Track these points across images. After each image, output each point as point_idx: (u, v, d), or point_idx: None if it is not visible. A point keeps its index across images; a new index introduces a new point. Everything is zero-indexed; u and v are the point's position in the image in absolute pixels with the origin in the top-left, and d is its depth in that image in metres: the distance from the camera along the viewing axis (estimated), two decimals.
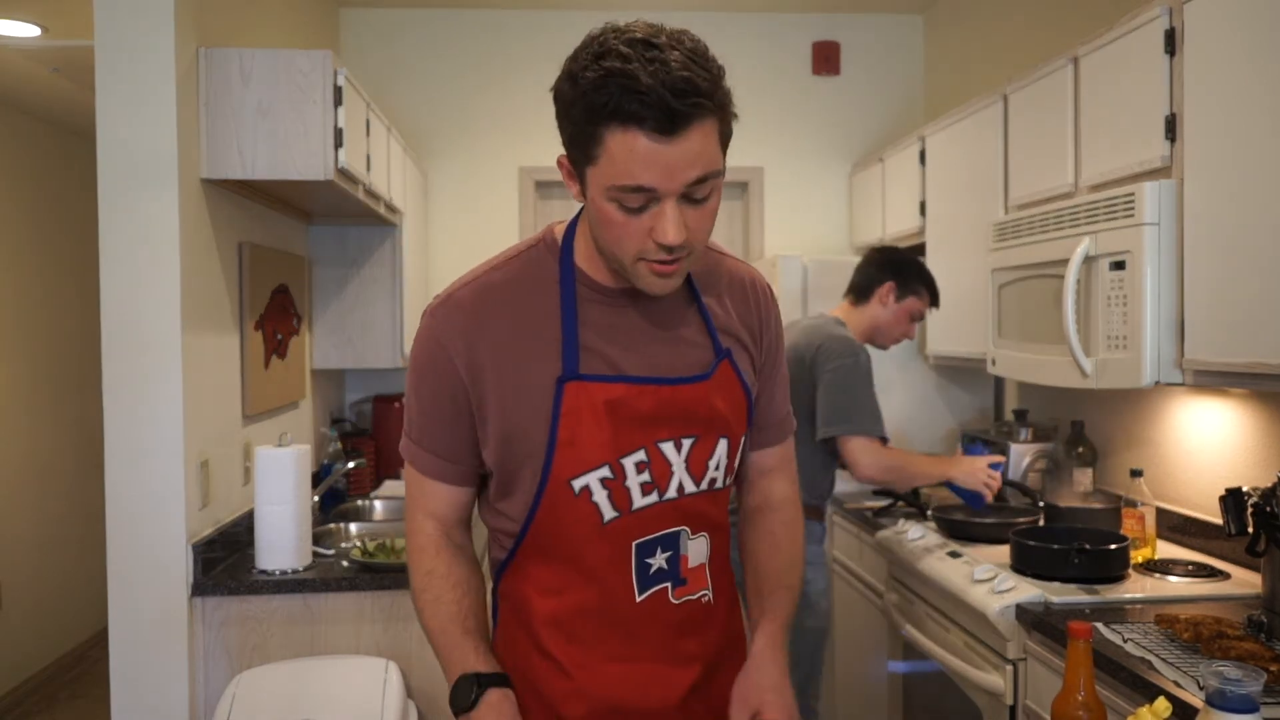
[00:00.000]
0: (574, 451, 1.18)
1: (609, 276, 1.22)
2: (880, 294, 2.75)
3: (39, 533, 4.51)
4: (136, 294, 2.28)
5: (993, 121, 2.88)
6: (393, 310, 3.57)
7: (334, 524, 3.09)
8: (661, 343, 1.24)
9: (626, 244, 1.11)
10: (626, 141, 1.04)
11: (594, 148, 1.06)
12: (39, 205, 4.57)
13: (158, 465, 2.28)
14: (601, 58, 1.05)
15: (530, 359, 1.19)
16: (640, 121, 1.03)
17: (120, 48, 2.26)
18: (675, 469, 1.23)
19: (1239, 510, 1.89)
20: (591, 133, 1.06)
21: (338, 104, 2.44)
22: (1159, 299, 2.03)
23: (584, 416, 1.18)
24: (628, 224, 1.09)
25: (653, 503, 1.22)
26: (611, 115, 1.03)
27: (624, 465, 1.20)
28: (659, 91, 1.01)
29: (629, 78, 1.02)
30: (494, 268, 1.25)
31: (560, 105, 1.10)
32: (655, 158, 1.04)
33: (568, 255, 1.24)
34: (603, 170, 1.07)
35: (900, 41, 4.40)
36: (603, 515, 1.21)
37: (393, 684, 2.23)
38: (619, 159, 1.05)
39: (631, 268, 1.14)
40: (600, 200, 1.09)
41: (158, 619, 2.29)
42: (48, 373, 4.64)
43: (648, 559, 1.24)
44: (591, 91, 1.04)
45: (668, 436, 1.22)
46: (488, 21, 4.23)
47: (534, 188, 4.27)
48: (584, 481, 1.19)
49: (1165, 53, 2.03)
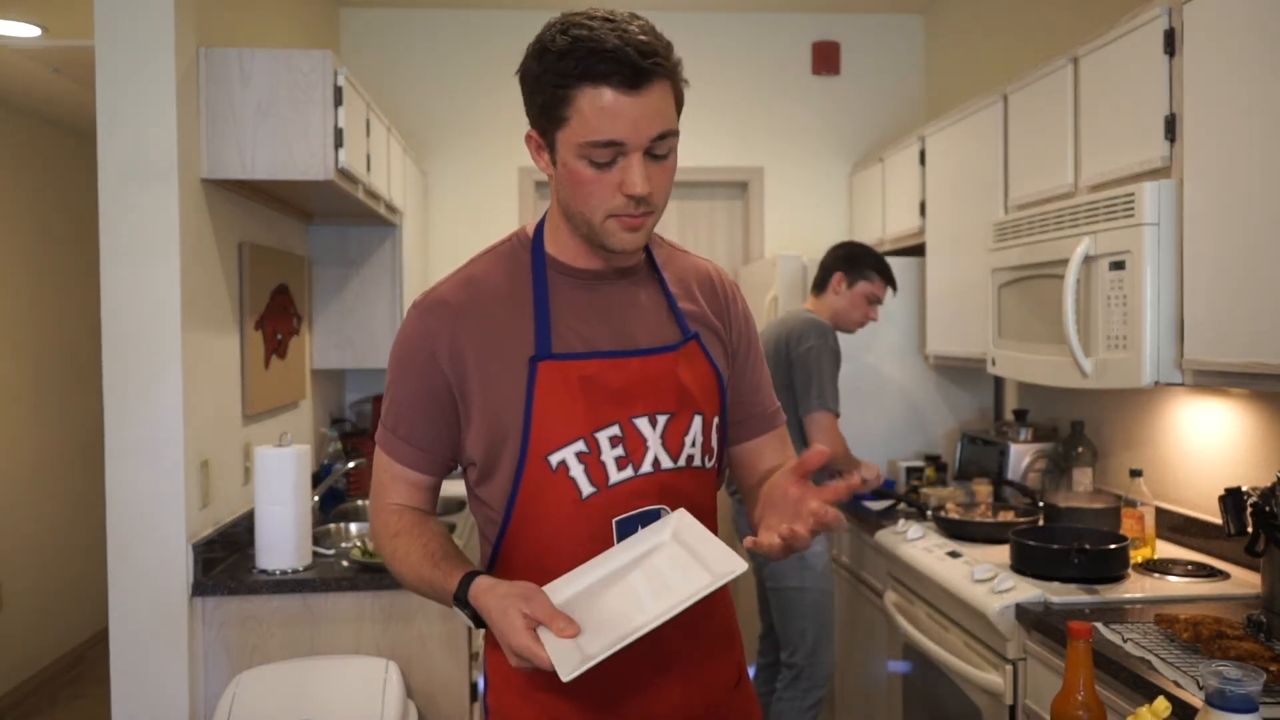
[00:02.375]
0: (549, 427, 1.23)
1: (579, 257, 1.28)
2: (833, 284, 3.08)
3: (39, 533, 4.51)
4: (137, 294, 2.28)
5: (993, 121, 2.88)
6: (393, 310, 3.57)
7: (334, 524, 3.10)
8: (631, 320, 1.30)
9: (596, 201, 1.19)
10: (595, 98, 1.13)
11: (564, 109, 1.15)
12: (39, 205, 4.57)
13: (158, 465, 2.28)
14: (567, 29, 1.15)
15: (507, 343, 1.25)
16: (608, 78, 1.12)
17: (120, 48, 2.26)
18: (650, 443, 1.26)
19: (1238, 510, 1.89)
20: (562, 95, 1.14)
21: (338, 104, 2.44)
22: (1159, 299, 2.03)
23: (558, 393, 1.23)
24: (598, 180, 1.17)
25: (629, 477, 1.25)
26: (581, 75, 1.13)
27: (598, 440, 1.24)
28: (624, 50, 1.11)
29: (596, 40, 1.12)
30: (472, 263, 1.33)
31: (529, 79, 1.19)
32: (622, 112, 1.13)
33: (539, 244, 1.30)
34: (574, 129, 1.15)
35: (900, 41, 4.40)
36: (581, 491, 1.24)
37: (393, 684, 2.24)
38: (589, 115, 1.14)
39: (601, 226, 1.20)
40: (571, 160, 1.17)
41: (158, 619, 2.29)
42: (48, 372, 4.64)
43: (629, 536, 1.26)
44: (562, 57, 1.13)
45: (642, 412, 1.26)
46: (488, 21, 4.23)
47: (534, 188, 4.27)
48: (560, 457, 1.23)
49: (1165, 53, 2.03)
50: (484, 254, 1.34)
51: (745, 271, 4.09)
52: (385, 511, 1.34)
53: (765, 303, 3.65)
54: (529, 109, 1.21)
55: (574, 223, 1.24)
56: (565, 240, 1.28)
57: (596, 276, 1.29)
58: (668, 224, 4.38)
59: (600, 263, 1.29)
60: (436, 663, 2.42)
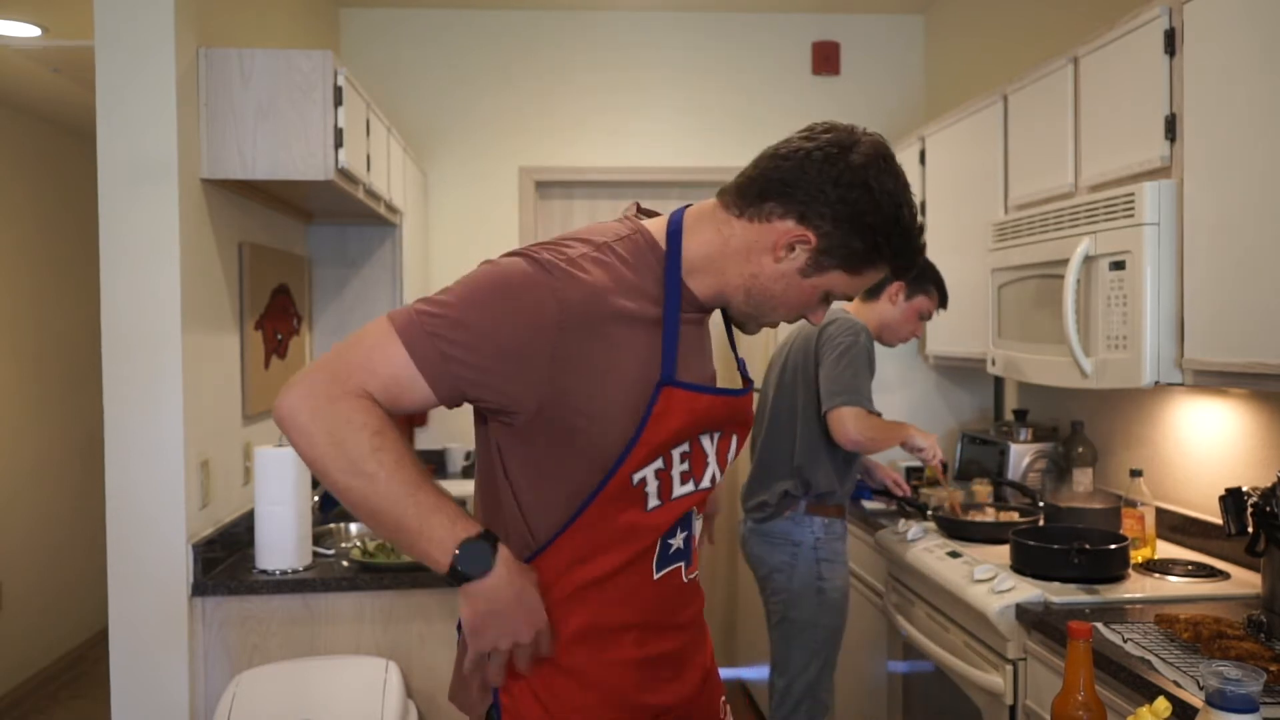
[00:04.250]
0: (647, 451, 1.21)
1: (706, 296, 1.28)
2: (890, 292, 2.79)
3: (39, 532, 4.52)
4: (137, 294, 2.28)
5: (993, 121, 2.87)
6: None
7: (334, 524, 3.09)
8: (710, 357, 1.37)
9: (791, 312, 1.29)
10: (878, 274, 1.26)
11: (865, 268, 1.24)
12: (39, 205, 4.57)
13: (158, 465, 2.28)
14: (908, 204, 1.22)
15: (629, 353, 1.19)
16: (901, 273, 1.29)
17: (120, 48, 2.26)
18: (710, 460, 1.30)
19: (1239, 510, 1.89)
20: (874, 260, 1.23)
21: (338, 104, 2.44)
22: (1159, 299, 2.03)
23: (666, 419, 1.21)
24: (807, 303, 1.28)
25: (689, 492, 1.28)
26: (898, 261, 1.25)
27: (673, 455, 1.25)
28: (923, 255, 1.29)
29: (920, 236, 1.25)
30: (604, 246, 1.21)
31: (853, 209, 1.19)
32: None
33: (674, 263, 1.24)
34: (846, 279, 1.25)
35: (900, 41, 4.40)
36: (648, 503, 1.24)
37: (393, 684, 2.24)
38: (865, 280, 1.26)
39: (765, 317, 1.30)
40: (821, 290, 1.26)
41: (158, 619, 2.29)
42: (48, 372, 4.64)
43: (669, 539, 1.29)
44: (909, 239, 1.23)
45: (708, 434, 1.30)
46: (488, 21, 4.23)
47: (534, 188, 4.28)
48: (643, 474, 1.22)
49: (1165, 53, 2.03)
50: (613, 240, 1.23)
51: None
52: (357, 397, 1.10)
53: None
54: (828, 224, 1.19)
55: (751, 302, 1.27)
56: (708, 281, 1.26)
57: (704, 311, 1.32)
58: None
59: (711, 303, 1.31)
60: (436, 663, 2.42)
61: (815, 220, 1.19)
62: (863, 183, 1.18)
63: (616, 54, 4.28)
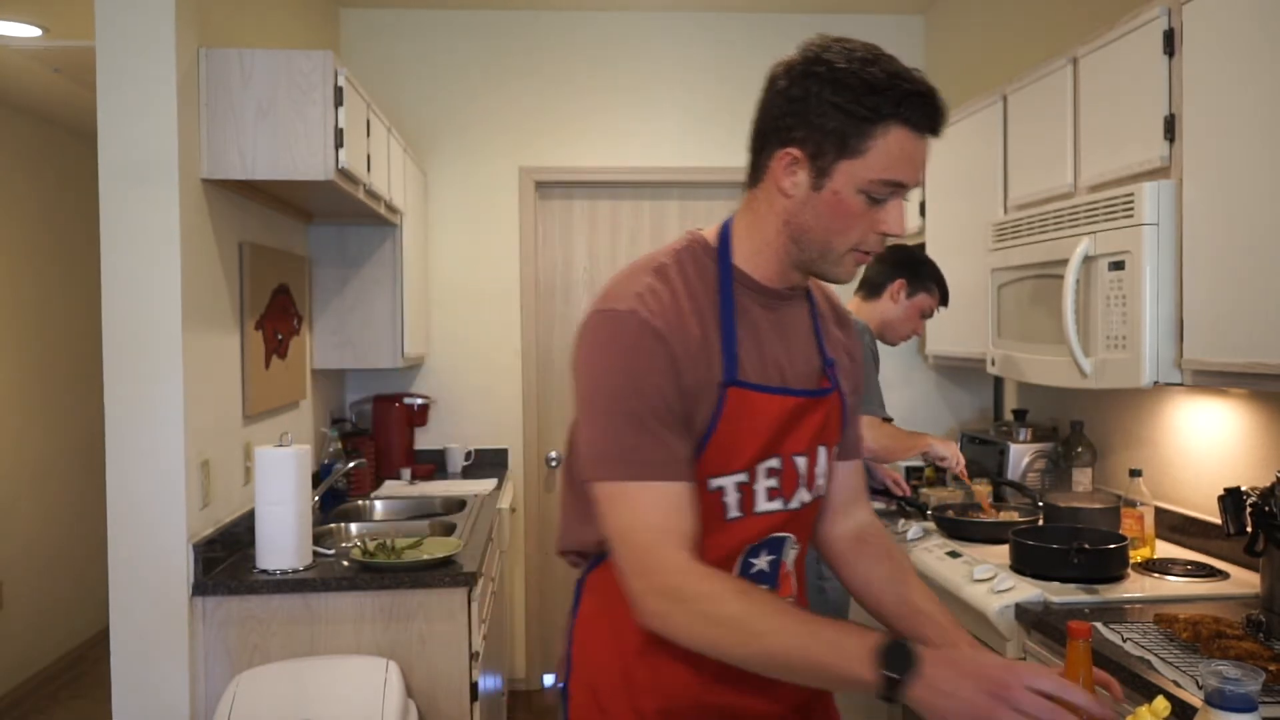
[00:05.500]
0: (721, 455, 1.20)
1: (772, 276, 1.26)
2: (891, 290, 2.81)
3: (40, 533, 4.52)
4: (137, 294, 2.28)
5: (992, 121, 2.88)
6: (393, 310, 3.58)
7: (334, 524, 3.10)
8: (794, 345, 1.29)
9: (851, 233, 1.19)
10: (904, 139, 1.15)
11: (864, 141, 1.14)
12: (40, 206, 4.57)
13: (158, 465, 2.28)
14: (875, 62, 1.15)
15: (697, 357, 1.19)
16: (918, 123, 1.15)
17: (121, 48, 2.26)
18: (801, 480, 1.27)
19: (1238, 510, 1.89)
20: (867, 129, 1.14)
21: (338, 104, 2.44)
22: (1158, 299, 2.03)
23: (738, 422, 1.20)
24: (863, 215, 1.18)
25: (776, 509, 1.26)
26: (898, 115, 1.13)
27: (758, 470, 1.23)
28: (936, 98, 1.16)
29: (913, 82, 1.14)
30: (663, 265, 1.23)
31: (812, 101, 1.15)
32: (917, 156, 1.17)
33: (725, 256, 1.26)
34: (867, 163, 1.14)
35: (900, 41, 4.40)
36: (727, 513, 1.23)
37: (393, 684, 2.24)
38: (891, 154, 1.14)
39: (840, 256, 1.21)
40: (847, 191, 1.16)
41: (158, 619, 2.29)
42: (48, 373, 4.65)
43: (752, 559, 1.27)
44: (874, 91, 1.13)
45: (799, 450, 1.27)
46: (488, 21, 4.23)
47: (534, 188, 4.28)
48: (721, 483, 1.21)
49: (1164, 53, 2.03)
50: (672, 254, 1.25)
51: None
52: (691, 569, 1.12)
53: None
54: (797, 128, 1.16)
55: (803, 245, 1.21)
56: (763, 257, 1.25)
57: (778, 296, 1.28)
58: (668, 223, 4.39)
59: (784, 283, 1.27)
60: (436, 663, 2.42)
61: (789, 133, 1.18)
62: (805, 73, 1.17)
63: (616, 54, 4.29)
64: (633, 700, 1.26)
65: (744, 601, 1.10)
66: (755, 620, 1.08)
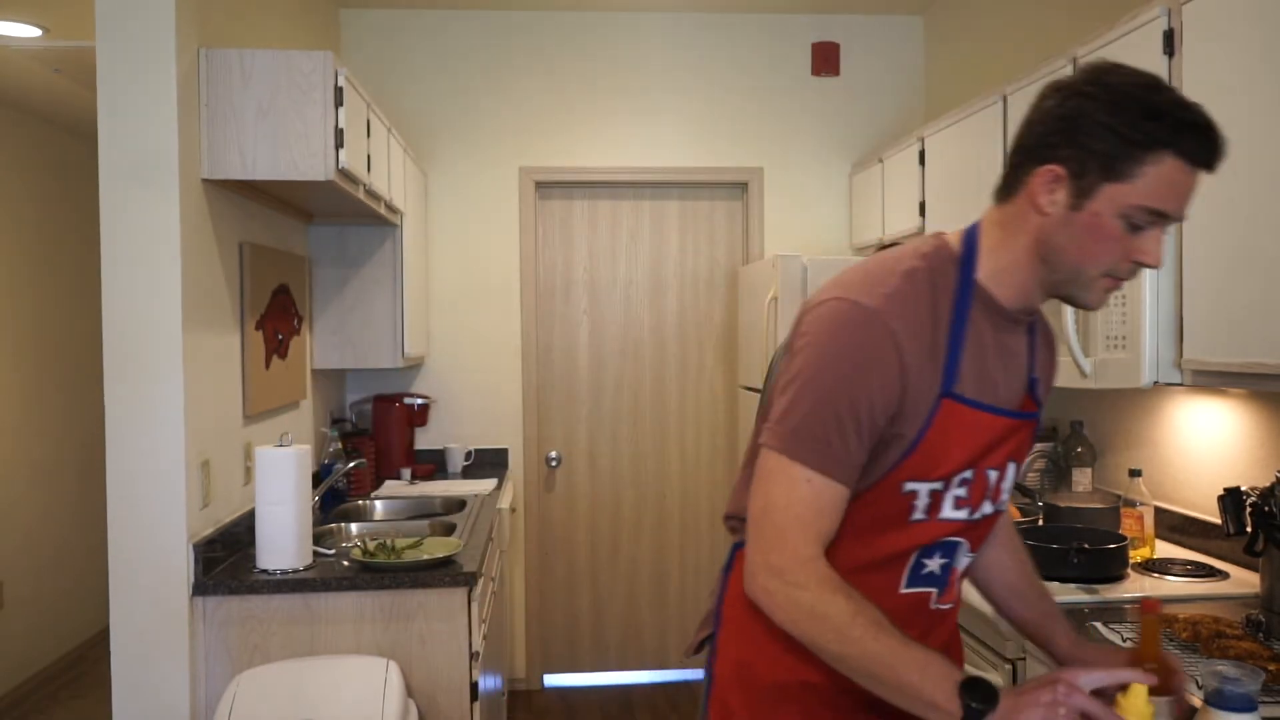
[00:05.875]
0: (923, 463, 1.21)
1: (1015, 297, 1.25)
2: None
3: (40, 533, 4.52)
4: (137, 294, 2.28)
5: (992, 121, 2.88)
6: (393, 310, 3.58)
7: (334, 524, 3.10)
8: (1010, 371, 1.29)
9: (1104, 258, 1.17)
10: (1172, 170, 1.11)
11: (1133, 167, 1.12)
12: (40, 206, 4.57)
13: (158, 465, 2.28)
14: (1147, 87, 1.12)
15: (923, 365, 1.20)
16: (1192, 156, 1.11)
17: (121, 48, 2.26)
18: (988, 493, 1.29)
19: (1237, 510, 1.89)
20: (1139, 155, 1.11)
21: (338, 104, 2.44)
22: (1158, 299, 2.03)
23: (946, 433, 1.21)
24: (1120, 240, 1.15)
25: (960, 518, 1.27)
26: (1173, 145, 1.10)
27: (952, 480, 1.24)
28: (1215, 133, 1.12)
29: (1193, 114, 1.11)
30: (913, 270, 1.24)
31: (1086, 122, 1.13)
32: (1184, 188, 1.13)
33: (968, 268, 1.25)
34: (1133, 189, 1.12)
35: (900, 42, 4.40)
36: (914, 514, 1.24)
37: (393, 684, 2.24)
38: (1160, 183, 1.12)
39: (1090, 280, 1.19)
40: (1107, 214, 1.14)
41: (158, 619, 2.29)
42: (49, 373, 4.65)
43: (925, 560, 1.28)
44: (1153, 118, 1.10)
45: (994, 465, 1.28)
46: (488, 21, 4.23)
47: (534, 188, 4.28)
48: (915, 487, 1.23)
49: (1165, 53, 2.03)
50: (919, 256, 1.25)
51: (745, 272, 4.10)
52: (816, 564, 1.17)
53: (765, 303, 3.65)
54: (1063, 146, 1.15)
55: (1055, 267, 1.20)
56: (1009, 275, 1.24)
57: (1011, 319, 1.27)
58: (668, 224, 4.39)
59: (1024, 304, 1.26)
60: (436, 663, 2.42)
61: (1053, 151, 1.16)
62: (1078, 92, 1.14)
63: (616, 54, 4.29)
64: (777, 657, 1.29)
65: (848, 605, 1.14)
66: (853, 625, 1.13)
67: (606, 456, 4.39)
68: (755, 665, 1.33)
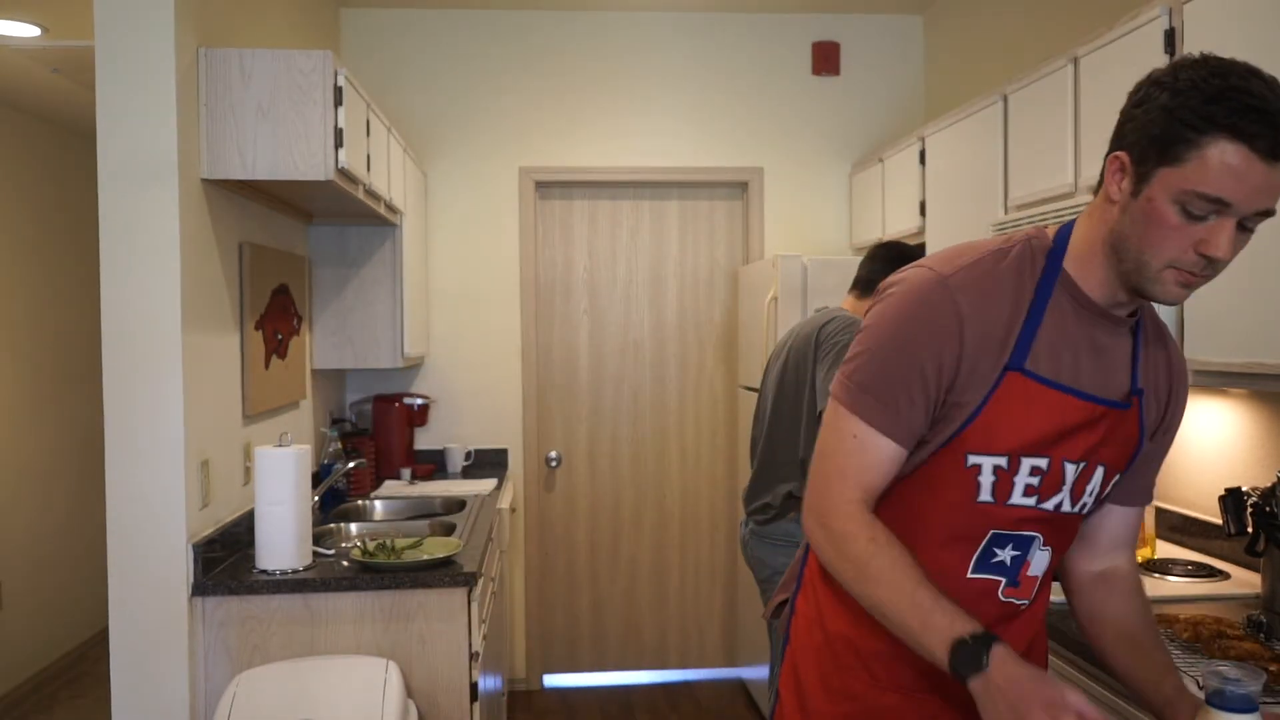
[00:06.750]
0: (986, 434, 1.22)
1: (1098, 288, 1.24)
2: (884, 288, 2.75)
3: (39, 532, 4.52)
4: (137, 294, 2.28)
5: (992, 121, 2.88)
6: (393, 310, 3.58)
7: (334, 524, 3.10)
8: (1100, 366, 1.27)
9: (1166, 248, 1.13)
10: (1228, 153, 1.07)
11: (1186, 150, 1.09)
12: (39, 206, 4.57)
13: (158, 465, 2.28)
14: (1221, 74, 1.09)
15: (993, 338, 1.22)
16: (1251, 139, 1.06)
17: (120, 48, 2.26)
18: (1065, 487, 1.27)
19: (1238, 510, 1.89)
20: (1191, 137, 1.09)
21: (338, 104, 2.44)
22: None
23: (1011, 406, 1.22)
24: (1180, 229, 1.12)
25: (1029, 505, 1.26)
26: (1224, 125, 1.07)
27: (1022, 463, 1.24)
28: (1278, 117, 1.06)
29: (1254, 97, 1.06)
30: (1002, 250, 1.26)
31: (1150, 107, 1.13)
32: (1246, 177, 1.08)
33: (1057, 255, 1.26)
34: (1186, 174, 1.09)
35: (900, 41, 4.40)
36: (979, 494, 1.25)
37: (393, 684, 2.24)
38: (1213, 167, 1.08)
39: (1156, 274, 1.16)
40: (1163, 201, 1.12)
41: (158, 619, 2.29)
42: (48, 373, 4.64)
43: (996, 548, 1.28)
44: (1209, 101, 1.07)
45: (1073, 457, 1.26)
46: (488, 21, 4.23)
47: (534, 188, 4.28)
48: (979, 461, 1.23)
49: (1165, 53, 2.03)
50: (1009, 244, 1.27)
51: (745, 272, 4.09)
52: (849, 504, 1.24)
53: (765, 303, 3.65)
54: (1130, 133, 1.15)
55: (1122, 256, 1.18)
56: (1090, 266, 1.24)
57: (1099, 314, 1.25)
58: (668, 223, 4.39)
59: (1111, 300, 1.24)
60: (436, 663, 2.42)
61: (1120, 139, 1.17)
62: (1154, 80, 1.14)
63: (616, 54, 4.29)
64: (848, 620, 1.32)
65: (870, 548, 1.20)
66: (871, 566, 1.19)
67: (606, 456, 4.39)
68: (828, 627, 1.35)
